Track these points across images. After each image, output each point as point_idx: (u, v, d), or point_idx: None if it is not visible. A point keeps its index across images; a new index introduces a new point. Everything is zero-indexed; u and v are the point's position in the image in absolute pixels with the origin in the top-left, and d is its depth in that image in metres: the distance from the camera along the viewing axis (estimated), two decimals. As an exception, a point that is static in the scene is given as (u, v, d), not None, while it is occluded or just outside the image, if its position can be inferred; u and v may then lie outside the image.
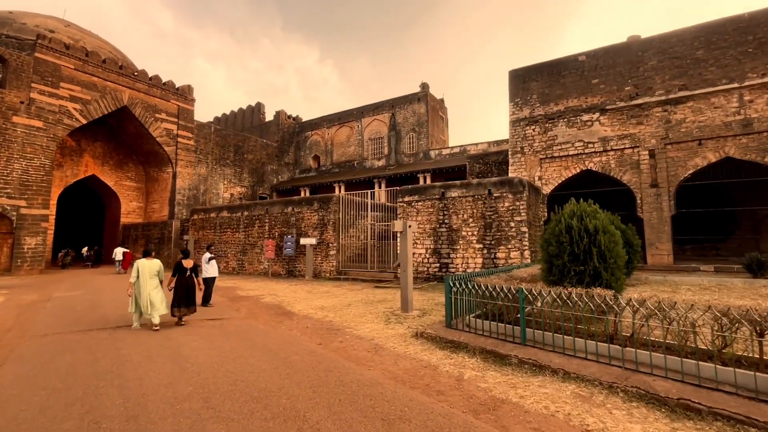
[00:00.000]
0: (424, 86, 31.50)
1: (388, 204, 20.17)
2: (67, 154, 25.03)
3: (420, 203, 14.33)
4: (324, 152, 36.77)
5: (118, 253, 21.00)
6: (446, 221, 13.70)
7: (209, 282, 9.82)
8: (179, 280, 7.42)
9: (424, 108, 31.17)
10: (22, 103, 19.98)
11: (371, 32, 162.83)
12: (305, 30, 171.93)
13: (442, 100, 33.67)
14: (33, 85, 20.38)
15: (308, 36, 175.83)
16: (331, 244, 16.46)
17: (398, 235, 10.18)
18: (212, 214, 21.30)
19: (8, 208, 19.36)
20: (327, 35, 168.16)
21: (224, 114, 42.01)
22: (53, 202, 23.44)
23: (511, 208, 12.63)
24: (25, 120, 20.05)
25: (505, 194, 12.78)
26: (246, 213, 19.65)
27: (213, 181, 30.29)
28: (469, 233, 13.22)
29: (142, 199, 29.11)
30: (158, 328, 7.00)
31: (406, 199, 14.64)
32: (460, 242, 13.34)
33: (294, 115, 39.17)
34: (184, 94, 28.15)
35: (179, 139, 27.44)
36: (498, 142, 27.74)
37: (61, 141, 22.11)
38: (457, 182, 13.88)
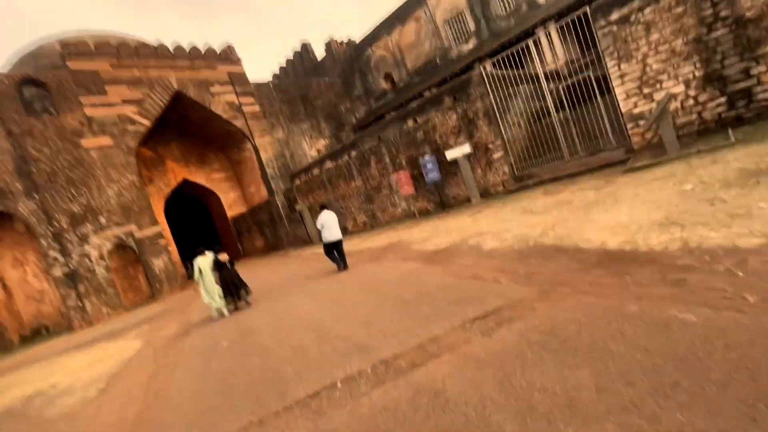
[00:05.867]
0: None
1: (549, 67, 13.96)
2: (151, 166, 23.38)
3: (649, 9, 8.00)
4: (395, 65, 30.43)
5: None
6: (723, 14, 7.29)
7: (338, 245, 8.53)
8: (221, 275, 7.77)
9: (509, -59, 22.39)
10: (82, 124, 17.79)
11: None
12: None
13: (524, -76, 24.06)
14: (81, 99, 17.95)
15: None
16: (492, 145, 11.24)
17: None
18: (315, 171, 17.55)
19: (123, 237, 18.06)
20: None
21: (275, 74, 37.72)
22: (160, 218, 22.22)
23: None
24: (93, 141, 17.95)
25: None
26: (354, 153, 15.31)
27: (295, 143, 26.77)
28: (796, 10, 6.70)
29: (237, 187, 27.12)
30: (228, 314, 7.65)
31: (615, 16, 8.39)
32: (775, 37, 6.94)
33: (346, 40, 33.04)
34: (228, 56, 24.06)
35: (244, 108, 23.92)
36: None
37: (137, 152, 20.02)
38: (734, -74, 7.13)
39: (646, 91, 8.40)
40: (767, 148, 5.43)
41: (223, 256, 8.02)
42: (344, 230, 16.82)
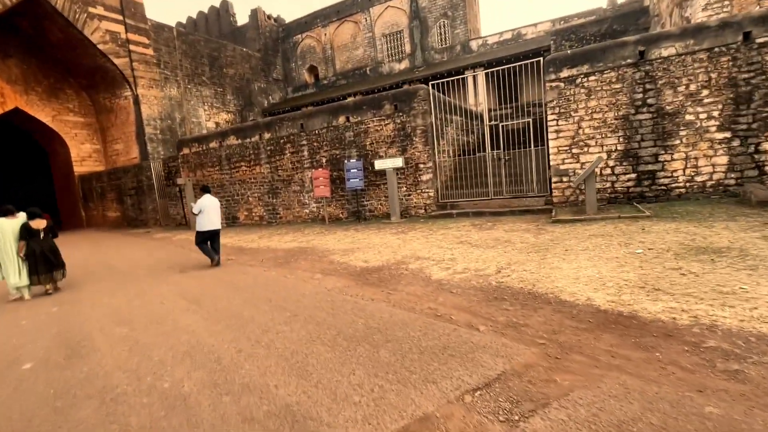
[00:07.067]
0: (456, -50, 23.49)
1: (472, 108, 14.37)
2: (-34, 78, 16.88)
3: (593, 77, 8.58)
4: (322, 61, 28.91)
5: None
6: (650, 101, 8.18)
7: (215, 236, 7.49)
8: (30, 245, 6.23)
9: (458, -18, 23.54)
10: None
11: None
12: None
13: (472, -26, 25.80)
14: None
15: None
16: (422, 166, 10.77)
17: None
18: (213, 144, 14.74)
19: None
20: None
21: (179, 22, 32.22)
22: (-35, 150, 16.01)
23: (799, 59, 7.17)
24: None
25: (784, 36, 7.20)
26: (268, 135, 13.27)
27: (190, 107, 22.75)
28: (701, 115, 7.84)
29: (97, 139, 21.56)
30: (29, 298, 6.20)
31: (565, 74, 8.81)
32: (682, 133, 8.00)
33: (275, 15, 30.24)
34: (124, -23, 19.33)
35: (132, 47, 19.32)
36: (565, 19, 21.25)
37: (-55, 52, 14.11)
38: (673, 30, 8.09)
39: (575, 151, 8.92)
40: (687, 226, 5.89)
41: (39, 223, 6.51)
42: (234, 220, 14.46)
